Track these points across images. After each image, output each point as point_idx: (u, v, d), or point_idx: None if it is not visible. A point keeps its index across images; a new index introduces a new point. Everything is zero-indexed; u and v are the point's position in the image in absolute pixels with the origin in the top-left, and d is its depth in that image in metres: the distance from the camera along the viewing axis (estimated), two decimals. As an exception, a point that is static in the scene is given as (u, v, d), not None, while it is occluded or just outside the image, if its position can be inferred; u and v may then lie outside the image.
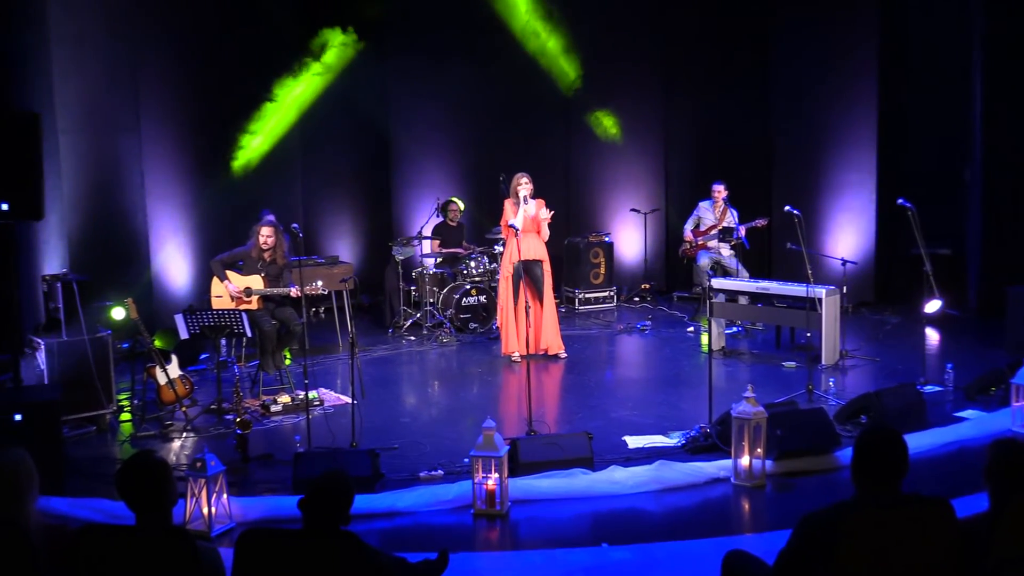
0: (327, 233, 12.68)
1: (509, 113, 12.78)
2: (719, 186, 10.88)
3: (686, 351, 9.79)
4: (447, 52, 12.34)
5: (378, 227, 12.74)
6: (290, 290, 8.17)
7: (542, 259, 9.27)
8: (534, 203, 9.12)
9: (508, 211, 9.12)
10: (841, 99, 11.66)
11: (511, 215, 9.08)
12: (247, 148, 11.46)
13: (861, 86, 11.59)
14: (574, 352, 9.65)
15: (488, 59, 12.56)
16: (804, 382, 7.85)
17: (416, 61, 12.39)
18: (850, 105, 11.63)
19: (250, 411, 7.62)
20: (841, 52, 11.63)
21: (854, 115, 11.64)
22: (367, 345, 10.19)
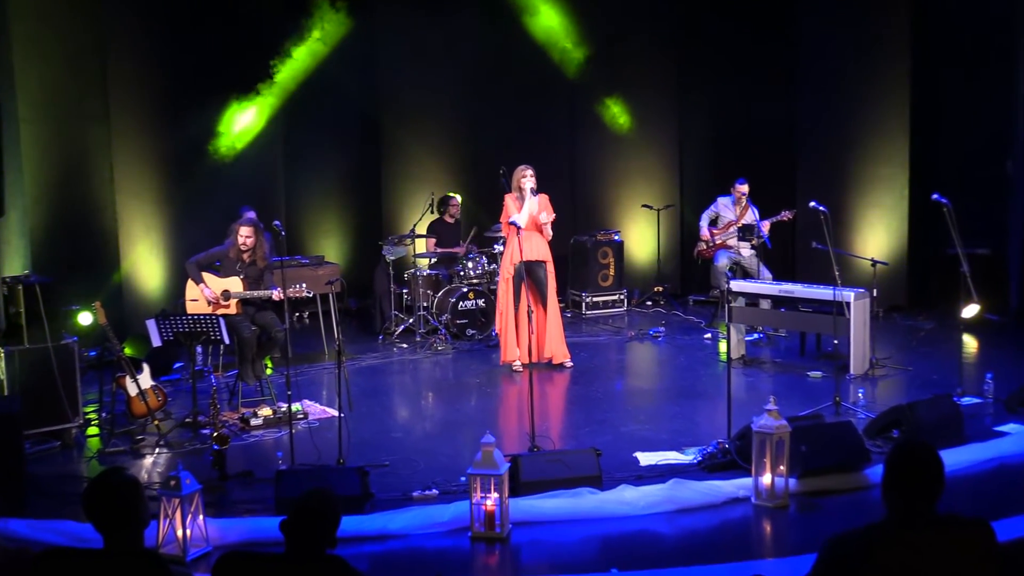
0: (312, 231, 12.70)
1: (510, 101, 12.79)
2: (743, 184, 10.85)
3: (703, 360, 9.79)
4: (443, 33, 12.36)
5: (367, 225, 12.75)
6: (271, 293, 8.17)
7: (545, 260, 9.27)
8: (537, 199, 9.13)
9: (509, 207, 9.12)
10: (871, 87, 11.67)
11: (513, 211, 9.08)
12: (226, 139, 11.47)
13: (893, 73, 11.59)
14: (581, 361, 9.65)
15: (488, 42, 12.58)
16: (831, 393, 7.84)
17: (409, 43, 12.40)
18: (881, 93, 11.64)
19: (228, 425, 7.61)
20: (872, 37, 11.64)
21: (885, 104, 11.65)
22: (355, 353, 10.18)
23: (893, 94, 11.61)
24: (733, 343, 9.35)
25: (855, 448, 6.31)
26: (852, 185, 11.83)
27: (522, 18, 12.75)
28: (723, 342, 10.14)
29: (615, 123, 13.09)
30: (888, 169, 11.70)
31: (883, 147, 11.71)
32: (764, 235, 10.33)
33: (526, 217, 9.07)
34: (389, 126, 12.69)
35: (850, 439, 6.35)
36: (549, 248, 9.32)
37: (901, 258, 11.69)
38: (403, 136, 12.68)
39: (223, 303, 8.23)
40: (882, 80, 11.63)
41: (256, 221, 8.68)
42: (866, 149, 11.77)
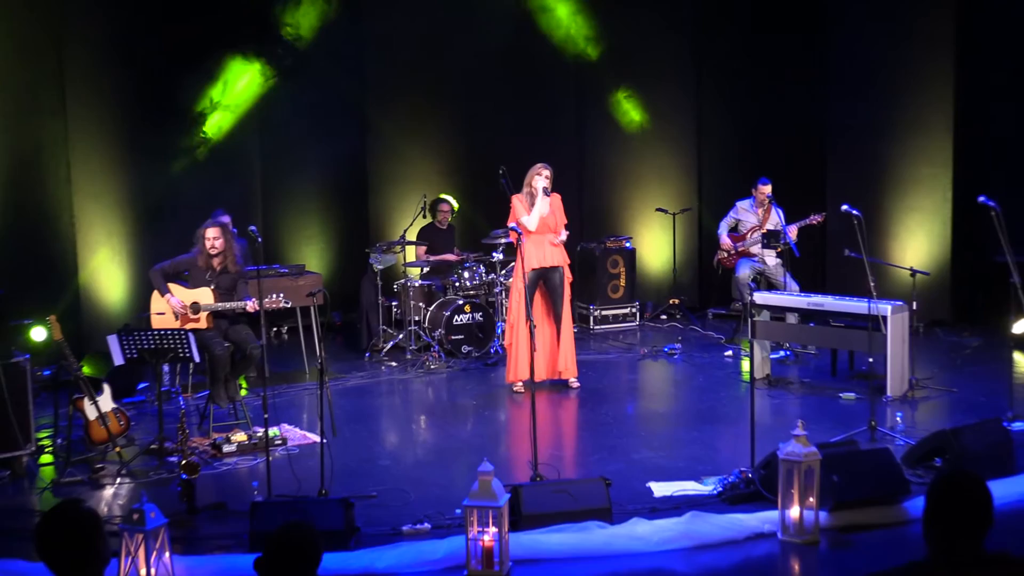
0: (291, 237, 12.69)
1: (510, 94, 12.80)
2: (766, 185, 10.86)
3: (723, 380, 9.78)
4: (438, 21, 12.38)
5: (353, 230, 12.74)
6: (246, 305, 8.17)
7: (561, 264, 9.28)
8: (549, 200, 9.14)
9: (517, 208, 9.11)
10: (911, 78, 11.66)
11: (521, 212, 9.09)
12: (196, 136, 11.48)
13: (935, 63, 11.58)
14: (589, 381, 9.64)
15: (487, 30, 12.59)
16: (866, 417, 7.83)
17: (399, 29, 12.42)
18: (922, 85, 11.63)
19: (198, 452, 7.60)
20: (912, 24, 11.63)
21: (926, 97, 11.64)
22: (339, 372, 10.18)
23: (935, 86, 11.60)
24: (757, 361, 9.33)
25: (893, 478, 6.29)
26: (889, 186, 11.83)
27: (525, 4, 12.78)
28: (746, 360, 10.13)
29: (627, 119, 13.10)
30: (929, 169, 11.69)
31: (924, 144, 11.70)
32: (791, 241, 10.32)
33: (536, 219, 9.07)
34: (377, 122, 12.68)
35: (887, 468, 6.33)
36: (565, 252, 9.34)
37: (944, 267, 11.68)
38: (393, 133, 12.67)
39: (192, 316, 8.22)
40: (923, 71, 11.62)
41: (225, 223, 8.68)
42: (905, 146, 11.77)
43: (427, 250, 11.45)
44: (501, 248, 10.99)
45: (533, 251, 9.09)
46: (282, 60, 11.97)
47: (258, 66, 11.81)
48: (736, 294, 11.37)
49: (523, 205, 9.13)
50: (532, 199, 9.13)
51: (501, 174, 9.47)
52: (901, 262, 10.95)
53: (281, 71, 11.99)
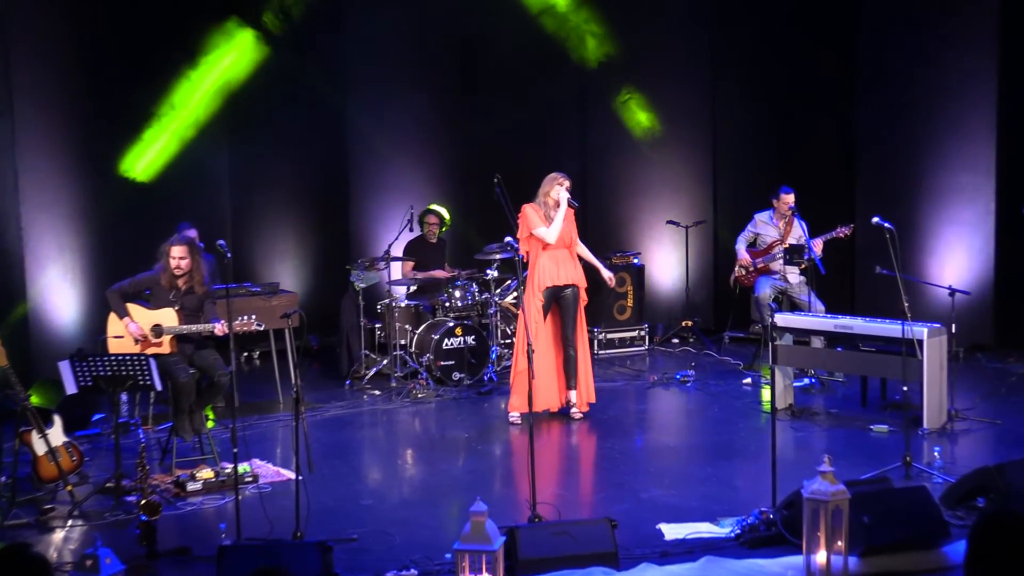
0: (264, 253, 12.69)
1: (507, 97, 12.82)
2: (788, 195, 10.85)
3: (741, 410, 9.77)
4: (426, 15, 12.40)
5: (332, 245, 12.75)
6: (214, 328, 8.15)
7: (577, 283, 9.31)
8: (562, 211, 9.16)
9: (531, 218, 9.12)
10: (950, 80, 11.67)
11: (536, 222, 9.09)
12: (158, 141, 11.47)
13: (976, 64, 11.60)
14: (593, 411, 9.61)
15: (481, 25, 12.63)
16: (900, 452, 7.81)
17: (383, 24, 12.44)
18: (961, 88, 11.65)
19: (159, 490, 7.57)
20: (951, 21, 11.67)
21: (966, 100, 11.66)
22: (317, 402, 10.16)
23: (976, 88, 11.61)
24: (778, 390, 9.32)
25: (930, 520, 6.27)
26: (925, 197, 11.84)
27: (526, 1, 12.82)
28: (766, 389, 10.11)
29: (635, 122, 13.12)
30: (969, 177, 11.70)
31: (964, 150, 11.70)
32: (815, 256, 10.31)
33: (557, 231, 9.10)
34: (359, 126, 12.69)
35: (924, 508, 6.31)
36: (581, 268, 9.36)
37: (986, 286, 11.68)
38: (376, 138, 12.68)
39: (153, 340, 8.20)
40: (963, 69, 11.62)
41: (193, 239, 8.67)
42: (942, 153, 11.77)
43: (414, 266, 11.44)
44: (496, 264, 10.98)
45: (549, 266, 9.12)
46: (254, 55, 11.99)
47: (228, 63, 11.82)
48: (755, 315, 11.35)
49: (539, 215, 9.14)
50: (547, 209, 9.14)
51: (496, 183, 9.46)
52: (938, 280, 10.95)
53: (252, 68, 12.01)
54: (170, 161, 11.57)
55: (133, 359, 7.55)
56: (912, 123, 11.90)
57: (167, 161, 11.56)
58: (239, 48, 11.95)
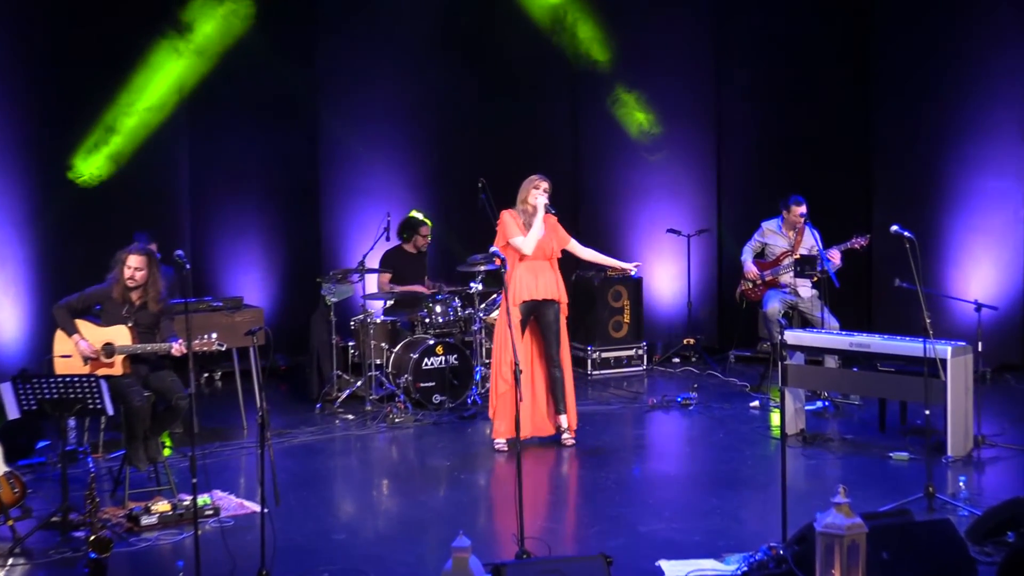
0: (226, 265, 12.66)
1: (492, 95, 12.85)
2: (799, 206, 10.83)
3: (748, 436, 9.76)
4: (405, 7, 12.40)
5: (301, 255, 12.74)
6: (171, 347, 8.12)
7: (556, 298, 9.27)
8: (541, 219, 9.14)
9: (509, 225, 9.10)
10: (977, 75, 11.71)
11: (514, 230, 9.06)
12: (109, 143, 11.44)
13: (1004, 57, 11.65)
14: (587, 437, 9.61)
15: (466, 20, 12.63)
16: (921, 482, 7.80)
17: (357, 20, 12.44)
18: (988, 84, 11.70)
19: (111, 525, 7.53)
20: (976, 11, 11.70)
21: (995, 97, 11.70)
22: (285, 427, 10.13)
23: (1003, 84, 11.65)
24: (789, 414, 9.32)
25: (955, 556, 6.26)
26: (948, 203, 11.86)
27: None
28: (775, 413, 10.10)
29: (632, 122, 13.14)
30: (998, 182, 11.73)
31: (990, 153, 11.73)
32: (829, 268, 10.31)
33: (534, 242, 9.06)
34: (331, 126, 12.69)
35: (948, 544, 6.30)
36: (562, 282, 9.32)
37: (1015, 300, 11.71)
38: (350, 139, 12.69)
39: (105, 360, 8.17)
40: (989, 64, 11.66)
41: (150, 250, 8.63)
42: (967, 155, 11.80)
43: (391, 279, 11.42)
44: (480, 277, 10.96)
45: (526, 279, 9.08)
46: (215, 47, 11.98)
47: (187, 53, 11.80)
48: (763, 332, 11.35)
49: (516, 223, 9.11)
50: (527, 217, 9.12)
51: (480, 188, 9.46)
52: (963, 294, 10.96)
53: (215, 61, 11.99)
54: (123, 164, 11.53)
55: (82, 381, 7.51)
56: (934, 123, 11.93)
57: (120, 164, 11.51)
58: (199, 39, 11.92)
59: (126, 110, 11.57)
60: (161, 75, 11.76)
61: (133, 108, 11.60)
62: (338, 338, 10.92)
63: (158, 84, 11.75)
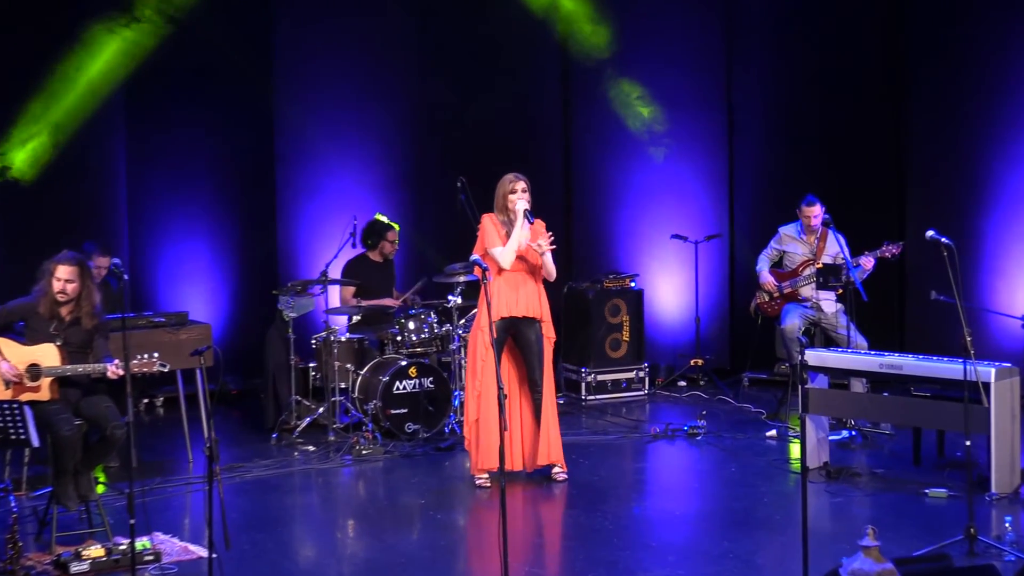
0: (169, 275, 12.63)
1: (474, 83, 12.84)
2: (811, 206, 10.84)
3: (764, 470, 9.76)
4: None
5: (255, 265, 12.73)
6: (106, 368, 8.08)
7: (539, 317, 9.22)
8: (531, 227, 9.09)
9: (488, 233, 9.05)
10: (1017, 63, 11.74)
11: (494, 239, 9.02)
12: (34, 138, 11.42)
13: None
14: (580, 471, 9.60)
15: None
16: (962, 522, 7.80)
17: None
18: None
19: (36, 573, 7.50)
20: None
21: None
22: (236, 460, 10.10)
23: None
24: (810, 445, 9.31)
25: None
26: (991, 206, 11.87)
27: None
28: (795, 444, 10.10)
29: (633, 114, 13.15)
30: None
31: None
32: (856, 279, 10.31)
33: (512, 253, 8.99)
34: (290, 118, 12.69)
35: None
36: (546, 297, 9.27)
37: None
38: (311, 133, 12.69)
39: (29, 384, 8.13)
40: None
41: (84, 260, 8.58)
42: (1012, 154, 11.81)
43: (358, 292, 11.41)
44: (460, 289, 10.94)
45: (505, 293, 9.02)
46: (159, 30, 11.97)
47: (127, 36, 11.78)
48: (782, 352, 11.34)
49: (498, 230, 9.06)
50: (509, 223, 9.06)
51: (459, 188, 9.45)
52: (1009, 308, 10.98)
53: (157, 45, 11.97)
54: (50, 160, 11.51)
55: (2, 408, 7.48)
56: (976, 117, 11.95)
57: (47, 160, 11.49)
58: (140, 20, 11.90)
59: (55, 99, 11.53)
60: (97, 59, 11.73)
61: (63, 97, 11.57)
62: (297, 358, 10.90)
63: (93, 69, 11.72)
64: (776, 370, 12.12)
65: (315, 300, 11.09)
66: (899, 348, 10.83)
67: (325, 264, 11.20)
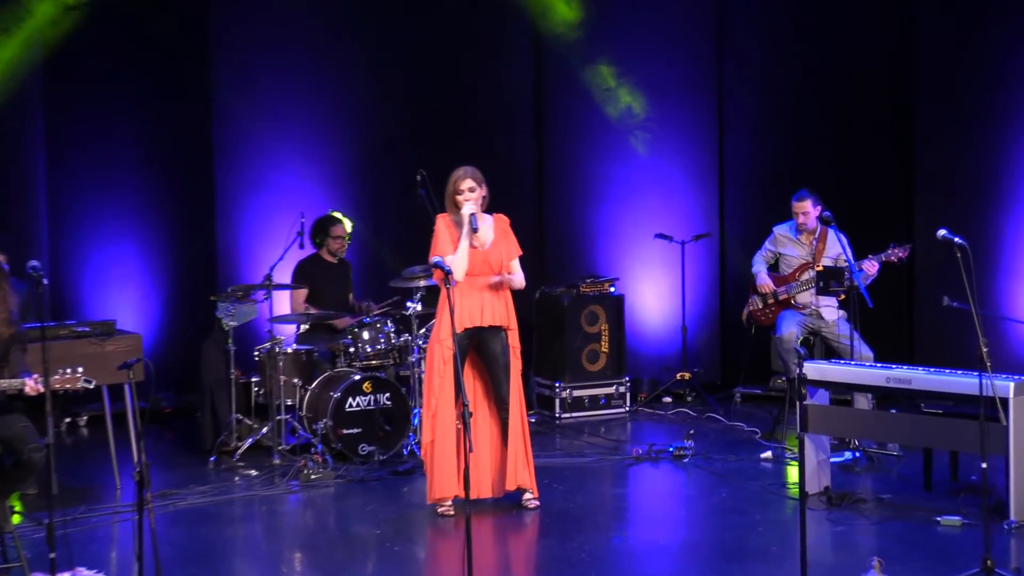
0: (94, 279, 12.60)
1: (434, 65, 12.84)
2: (801, 202, 10.85)
3: (758, 496, 9.77)
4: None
5: (191, 267, 12.71)
6: (23, 384, 8.04)
7: (504, 325, 9.20)
8: (490, 223, 9.07)
9: (441, 237, 9.03)
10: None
11: (445, 244, 9.00)
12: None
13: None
14: (553, 498, 9.60)
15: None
16: (978, 553, 7.82)
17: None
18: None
19: (-56, 612, 7.47)
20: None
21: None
22: (170, 486, 10.07)
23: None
24: (810, 468, 9.32)
25: (1020, 646, 6.29)
26: (1009, 205, 11.93)
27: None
28: (793, 466, 10.11)
29: (614, 102, 13.16)
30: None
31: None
32: (860, 283, 10.32)
33: (464, 262, 8.94)
34: (229, 104, 12.67)
35: (1011, 631, 6.33)
36: (512, 304, 9.24)
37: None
38: (253, 121, 12.67)
39: (-63, 401, 8.10)
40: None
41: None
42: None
43: (308, 297, 11.38)
44: (420, 295, 10.92)
45: (466, 300, 8.99)
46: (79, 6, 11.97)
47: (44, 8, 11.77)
48: (778, 364, 11.37)
49: (450, 233, 9.02)
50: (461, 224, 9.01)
51: (419, 182, 9.45)
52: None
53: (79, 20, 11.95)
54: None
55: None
56: (993, 107, 12.01)
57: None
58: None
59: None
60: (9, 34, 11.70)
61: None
62: (238, 372, 10.89)
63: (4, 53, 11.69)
64: (771, 384, 12.16)
65: (258, 307, 11.07)
66: (908, 360, 10.86)
67: (270, 267, 11.16)
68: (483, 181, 9.05)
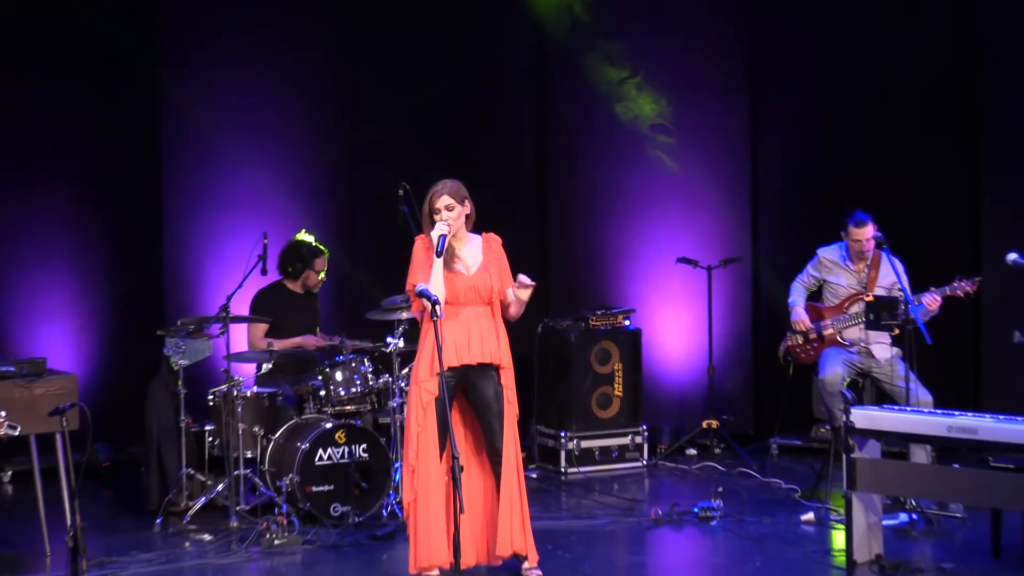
0: (20, 311, 12.59)
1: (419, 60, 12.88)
2: (861, 227, 10.83)
3: (799, 564, 9.76)
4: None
5: (135, 297, 12.73)
6: (-62, 432, 8.05)
7: (497, 363, 9.16)
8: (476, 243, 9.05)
9: (417, 260, 9.01)
10: None
11: (421, 270, 8.97)
12: None
13: None
14: (558, 566, 9.58)
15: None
16: (1055, 633, 7.83)
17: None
18: None
19: None
20: None
21: None
22: (110, 553, 10.03)
23: None
24: (859, 532, 9.31)
25: None
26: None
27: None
28: (839, 530, 10.10)
29: (629, 106, 13.18)
30: None
31: None
32: (917, 316, 10.30)
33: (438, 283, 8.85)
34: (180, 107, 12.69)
35: None
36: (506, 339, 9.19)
37: None
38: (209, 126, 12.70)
39: None
40: None
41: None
42: None
43: (271, 330, 11.38)
44: (401, 329, 10.91)
45: (452, 333, 8.91)
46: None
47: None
48: (821, 411, 11.35)
49: (428, 256, 8.95)
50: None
51: (401, 197, 9.44)
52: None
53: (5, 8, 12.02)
54: None
55: None
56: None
57: None
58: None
59: None
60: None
61: None
62: (189, 419, 10.88)
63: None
64: (813, 434, 12.15)
65: (212, 343, 11.05)
66: (974, 406, 10.86)
67: (227, 297, 11.14)
68: (466, 197, 8.97)
